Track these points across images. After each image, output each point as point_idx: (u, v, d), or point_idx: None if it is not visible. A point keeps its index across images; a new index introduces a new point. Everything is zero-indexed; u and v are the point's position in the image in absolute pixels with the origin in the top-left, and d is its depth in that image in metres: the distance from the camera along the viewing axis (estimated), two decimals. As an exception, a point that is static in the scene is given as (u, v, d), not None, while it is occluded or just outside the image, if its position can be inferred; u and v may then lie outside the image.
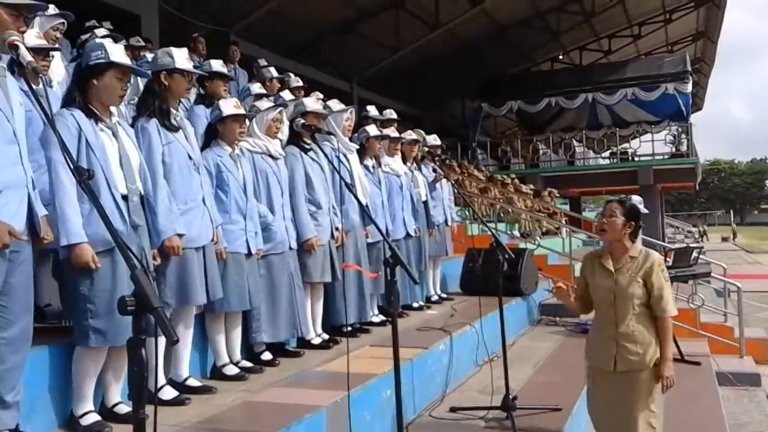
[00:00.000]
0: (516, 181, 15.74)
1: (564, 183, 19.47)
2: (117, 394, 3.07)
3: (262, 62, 7.55)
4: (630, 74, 19.66)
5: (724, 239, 41.19)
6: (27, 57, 2.09)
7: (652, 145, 20.47)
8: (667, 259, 7.05)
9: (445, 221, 6.88)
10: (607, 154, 22.27)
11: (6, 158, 2.42)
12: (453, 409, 4.20)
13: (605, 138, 21.01)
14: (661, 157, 20.01)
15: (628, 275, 3.28)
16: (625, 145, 22.92)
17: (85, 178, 1.65)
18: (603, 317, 3.39)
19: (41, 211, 2.61)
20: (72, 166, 1.69)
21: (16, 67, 2.25)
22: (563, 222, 12.55)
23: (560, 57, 23.26)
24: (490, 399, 4.17)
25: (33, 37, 3.50)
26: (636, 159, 20.83)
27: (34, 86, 2.13)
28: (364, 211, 4.02)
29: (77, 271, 2.81)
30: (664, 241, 15.83)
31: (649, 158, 20.19)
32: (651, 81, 19.08)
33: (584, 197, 25.15)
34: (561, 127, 21.57)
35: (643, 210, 7.79)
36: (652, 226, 15.33)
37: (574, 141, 21.50)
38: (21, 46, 2.15)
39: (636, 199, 7.84)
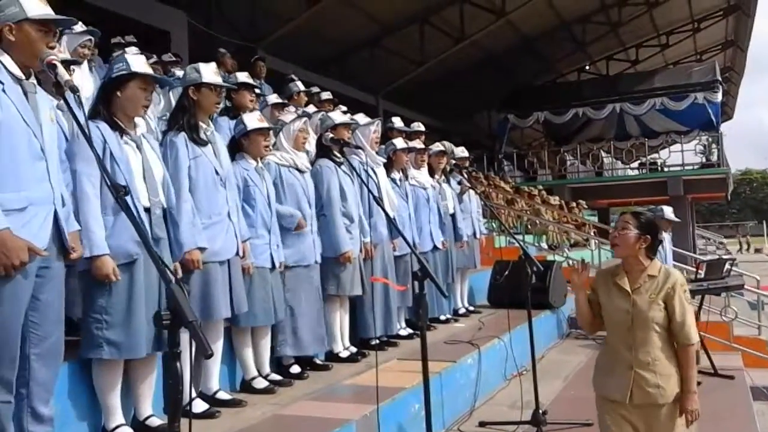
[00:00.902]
0: (543, 192, 15.64)
1: (592, 194, 19.30)
2: (149, 407, 3.10)
3: (292, 76, 7.62)
4: (658, 84, 19.47)
5: (758, 251, 40.41)
6: (65, 75, 2.13)
7: (681, 155, 20.21)
8: (699, 271, 6.94)
9: (474, 234, 6.86)
10: (635, 164, 22.04)
11: (32, 175, 2.45)
12: (482, 424, 4.16)
13: (634, 148, 20.80)
14: (691, 168, 19.75)
15: (647, 296, 2.93)
16: (654, 155, 22.65)
17: (121, 194, 1.68)
18: (618, 342, 3.01)
19: (72, 227, 2.64)
20: (109, 182, 1.72)
21: (54, 86, 2.29)
22: (592, 234, 12.43)
23: (587, 67, 23.11)
24: (519, 414, 4.13)
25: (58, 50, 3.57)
26: (665, 169, 20.58)
27: (68, 102, 2.16)
28: (391, 224, 4.02)
29: (95, 282, 2.84)
30: (695, 252, 15.58)
31: (678, 168, 19.94)
32: (680, 90, 18.87)
33: (613, 208, 24.87)
34: (588, 137, 21.41)
35: (674, 218, 7.71)
36: (682, 237, 15.12)
37: (602, 152, 21.32)
38: (59, 65, 2.20)
39: (667, 209, 7.73)
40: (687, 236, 17.79)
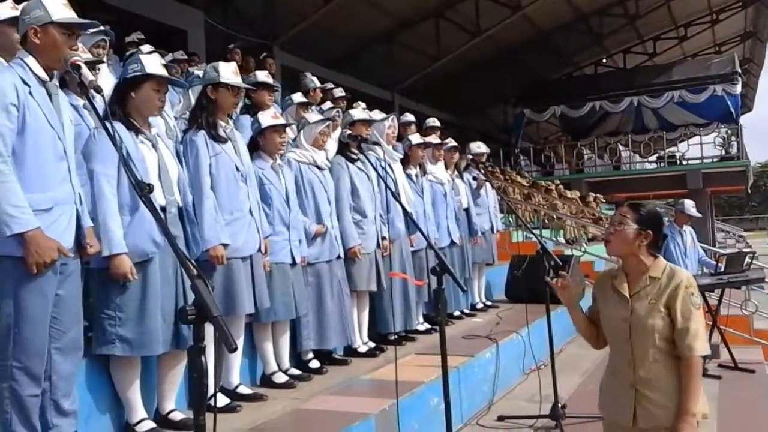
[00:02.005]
0: (560, 187, 15.56)
1: (610, 188, 19.16)
2: (171, 402, 3.14)
3: (308, 74, 7.67)
4: (676, 76, 19.31)
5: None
6: (89, 76, 2.17)
7: (700, 148, 20.05)
8: (719, 264, 6.88)
9: (491, 228, 6.86)
10: (654, 158, 21.88)
11: (56, 176, 2.51)
12: (501, 418, 4.18)
13: (652, 142, 20.65)
14: (710, 160, 19.58)
15: (647, 302, 2.48)
16: (673, 148, 22.51)
17: (146, 192, 1.72)
18: (618, 356, 2.58)
19: (87, 222, 2.69)
20: (133, 181, 1.76)
21: (78, 86, 2.34)
22: (605, 227, 12.32)
23: (603, 60, 22.94)
24: (538, 408, 4.13)
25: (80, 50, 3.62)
26: (684, 162, 20.41)
27: (93, 102, 2.20)
28: (410, 219, 4.04)
29: (110, 280, 2.87)
30: (714, 246, 15.44)
31: (697, 162, 19.77)
32: (698, 83, 18.71)
33: (631, 203, 24.63)
34: (606, 131, 21.27)
35: (695, 213, 7.65)
36: (702, 231, 14.96)
37: (620, 145, 21.17)
38: (83, 65, 2.24)
39: (688, 203, 7.68)
40: (707, 230, 17.64)
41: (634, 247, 2.52)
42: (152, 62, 3.05)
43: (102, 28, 4.20)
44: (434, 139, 6.26)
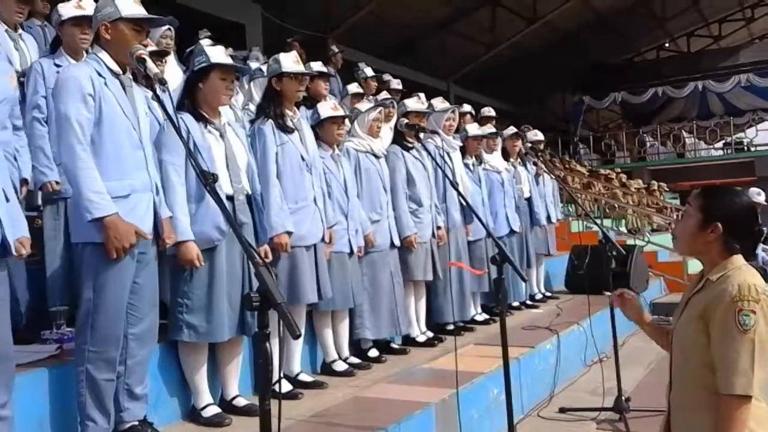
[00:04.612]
0: (622, 176, 15.17)
1: (673, 176, 18.56)
2: (235, 388, 3.21)
3: (362, 65, 7.69)
4: (743, 60, 18.61)
5: None
6: (154, 69, 2.24)
7: (769, 133, 19.21)
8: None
9: (548, 218, 6.74)
10: (720, 144, 21.09)
11: (133, 163, 2.62)
12: (562, 410, 4.12)
13: (718, 128, 19.91)
14: (780, 146, 18.75)
15: (691, 311, 2.00)
16: (740, 134, 21.58)
17: (210, 181, 1.75)
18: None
19: (165, 213, 2.78)
20: (198, 170, 1.79)
21: (144, 78, 2.41)
22: (674, 217, 11.98)
23: (666, 45, 22.19)
24: (601, 400, 4.05)
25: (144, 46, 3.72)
26: (752, 149, 19.58)
27: (159, 94, 2.27)
28: (469, 208, 4.01)
29: (179, 267, 2.96)
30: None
31: (766, 148, 18.94)
32: (767, 66, 17.90)
33: (696, 191, 23.87)
34: (669, 117, 20.60)
35: (762, 202, 7.27)
36: (771, 220, 14.37)
37: (684, 132, 20.48)
38: (148, 59, 2.30)
39: (753, 191, 7.33)
40: (776, 219, 16.91)
41: (698, 244, 2.02)
42: (217, 52, 3.11)
43: (167, 18, 4.31)
44: (489, 128, 6.19)
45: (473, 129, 5.62)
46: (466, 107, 6.74)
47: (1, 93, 2.54)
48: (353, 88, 5.72)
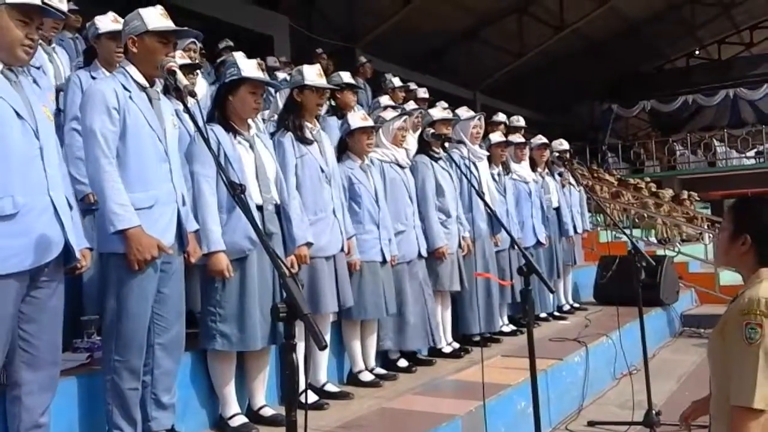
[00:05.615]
0: (652, 185, 14.98)
1: (704, 185, 18.29)
2: (262, 398, 3.22)
3: (389, 75, 7.71)
4: (776, 67, 18.26)
5: None
6: (184, 81, 2.27)
7: (803, 141, 18.83)
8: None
9: (574, 228, 6.66)
10: (752, 153, 20.69)
11: (157, 175, 2.64)
12: (591, 423, 4.05)
13: (750, 136, 19.55)
14: (815, 155, 18.36)
15: (720, 322, 2.00)
16: (773, 142, 21.20)
17: (238, 192, 1.76)
18: None
19: (192, 226, 2.81)
20: (226, 182, 1.81)
21: (174, 90, 2.43)
22: (705, 227, 11.78)
23: (696, 52, 21.91)
24: (630, 414, 3.98)
25: (177, 56, 3.77)
26: (786, 158, 19.21)
27: (189, 106, 2.29)
28: (495, 218, 3.98)
29: (210, 277, 2.97)
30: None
31: (800, 156, 18.59)
32: (801, 73, 17.62)
33: (727, 201, 23.49)
34: (699, 126, 20.32)
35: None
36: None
37: (715, 140, 20.16)
38: (178, 71, 2.33)
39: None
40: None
41: (732, 256, 2.02)
42: (249, 66, 3.15)
43: (193, 31, 4.37)
44: (517, 137, 6.15)
45: (496, 136, 5.59)
46: (501, 116, 6.72)
47: (45, 123, 2.39)
48: (384, 100, 5.73)
